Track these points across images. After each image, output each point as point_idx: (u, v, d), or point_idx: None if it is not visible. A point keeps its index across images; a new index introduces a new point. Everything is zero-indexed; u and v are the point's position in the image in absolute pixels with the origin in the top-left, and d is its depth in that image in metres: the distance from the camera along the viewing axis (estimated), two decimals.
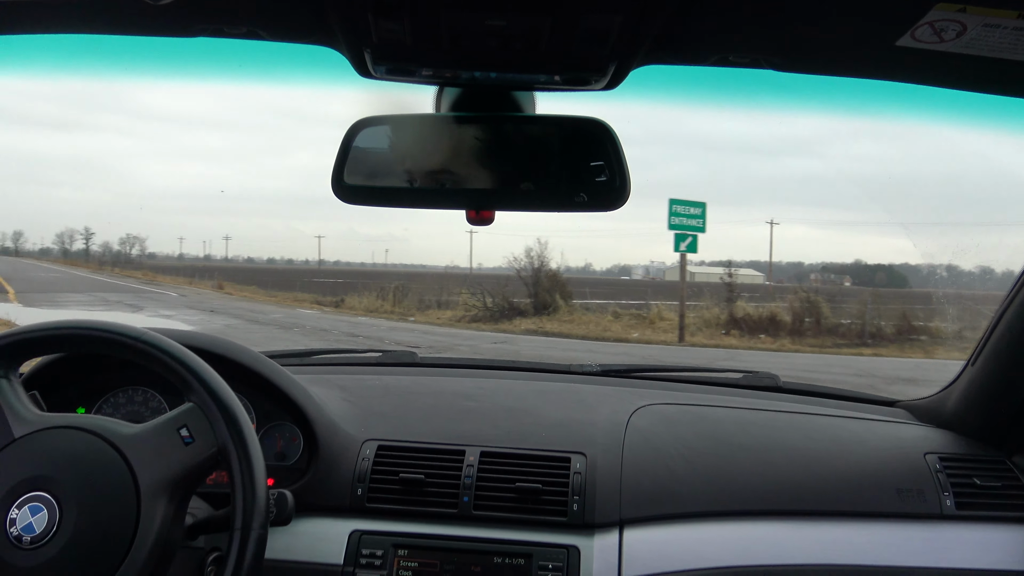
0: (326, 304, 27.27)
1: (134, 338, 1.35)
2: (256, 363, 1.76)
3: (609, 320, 21.36)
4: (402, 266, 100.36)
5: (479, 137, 1.36)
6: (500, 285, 23.45)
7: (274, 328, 17.71)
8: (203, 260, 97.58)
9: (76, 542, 1.19)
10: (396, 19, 1.06)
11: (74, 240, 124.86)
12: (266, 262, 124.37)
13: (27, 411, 1.33)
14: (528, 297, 22.56)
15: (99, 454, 1.27)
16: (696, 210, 17.80)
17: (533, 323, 20.57)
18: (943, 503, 1.72)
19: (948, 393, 2.02)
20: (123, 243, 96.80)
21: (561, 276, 24.15)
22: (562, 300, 22.61)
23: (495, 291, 22.79)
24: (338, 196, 1.35)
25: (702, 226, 17.84)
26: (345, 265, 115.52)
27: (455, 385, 2.10)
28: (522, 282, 23.18)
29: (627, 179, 1.30)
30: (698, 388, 2.19)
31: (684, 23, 1.09)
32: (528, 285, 22.95)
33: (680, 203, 17.60)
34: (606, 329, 19.89)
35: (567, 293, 23.39)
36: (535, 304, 22.13)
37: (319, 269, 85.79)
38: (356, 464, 1.71)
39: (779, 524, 1.68)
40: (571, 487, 1.66)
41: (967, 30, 1.05)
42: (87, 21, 1.20)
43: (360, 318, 21.97)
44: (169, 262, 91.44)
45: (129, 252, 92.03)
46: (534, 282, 22.90)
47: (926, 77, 1.29)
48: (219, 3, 1.12)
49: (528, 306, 22.17)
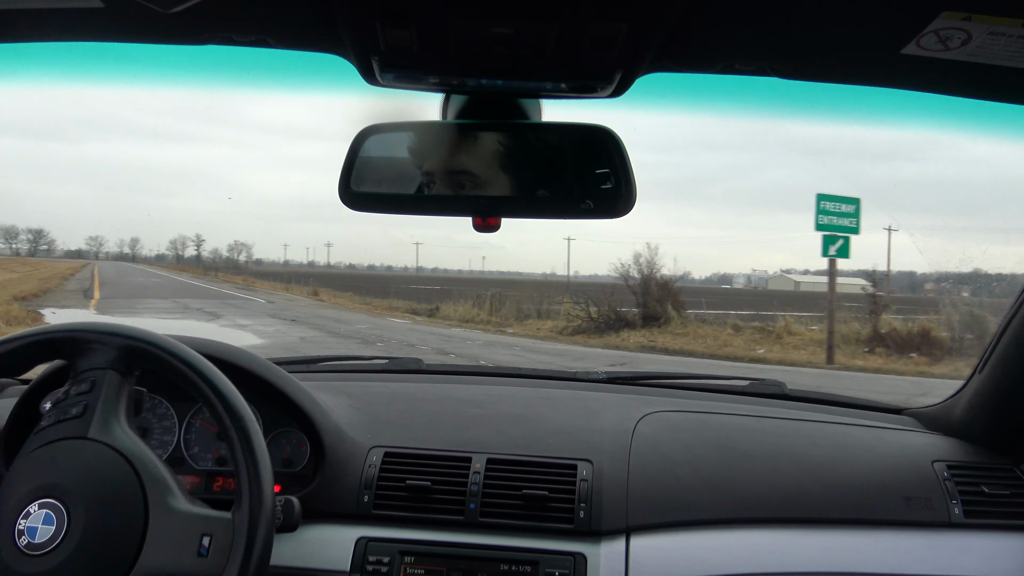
0: (420, 313, 26.05)
1: (145, 341, 1.36)
2: (263, 370, 1.77)
3: (729, 334, 18.85)
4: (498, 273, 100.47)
5: (485, 144, 1.36)
6: (605, 293, 21.40)
7: (354, 342, 16.15)
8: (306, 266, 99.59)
9: (82, 550, 1.19)
10: (403, 27, 1.07)
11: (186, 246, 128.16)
12: (366, 268, 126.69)
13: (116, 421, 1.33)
14: (636, 307, 20.52)
15: (112, 467, 1.27)
16: (849, 207, 14.85)
17: (643, 336, 18.54)
18: (951, 511, 1.71)
19: (956, 401, 2.01)
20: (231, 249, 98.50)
21: (673, 284, 21.53)
22: (674, 311, 20.28)
23: (600, 300, 20.74)
24: (345, 203, 1.35)
25: (856, 226, 14.89)
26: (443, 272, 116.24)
27: (461, 392, 2.10)
28: (629, 290, 21.09)
29: (633, 186, 1.30)
30: (704, 395, 2.19)
31: (690, 31, 1.09)
32: (636, 294, 20.79)
33: (829, 199, 14.80)
34: (726, 344, 17.60)
35: (679, 303, 20.99)
36: (644, 315, 20.03)
37: (416, 276, 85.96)
38: (363, 471, 1.71)
39: (786, 532, 1.68)
40: (577, 494, 1.66)
41: (972, 38, 1.05)
42: (100, 30, 1.21)
43: (454, 329, 20.44)
44: (275, 268, 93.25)
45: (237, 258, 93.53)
46: (643, 291, 20.72)
47: (931, 85, 1.29)
48: (229, 12, 1.13)
49: (636, 317, 20.09)
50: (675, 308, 20.35)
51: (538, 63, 1.18)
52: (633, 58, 1.15)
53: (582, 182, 1.34)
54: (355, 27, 1.10)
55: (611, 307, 20.27)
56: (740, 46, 1.18)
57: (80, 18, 1.15)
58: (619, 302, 20.69)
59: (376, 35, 1.09)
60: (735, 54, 1.20)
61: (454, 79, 1.28)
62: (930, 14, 1.01)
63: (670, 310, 20.10)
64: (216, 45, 1.24)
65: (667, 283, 21.16)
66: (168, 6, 1.01)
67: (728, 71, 1.25)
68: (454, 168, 1.37)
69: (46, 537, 1.19)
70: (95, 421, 1.30)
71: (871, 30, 1.10)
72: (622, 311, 20.22)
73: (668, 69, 1.25)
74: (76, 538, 1.19)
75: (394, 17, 1.05)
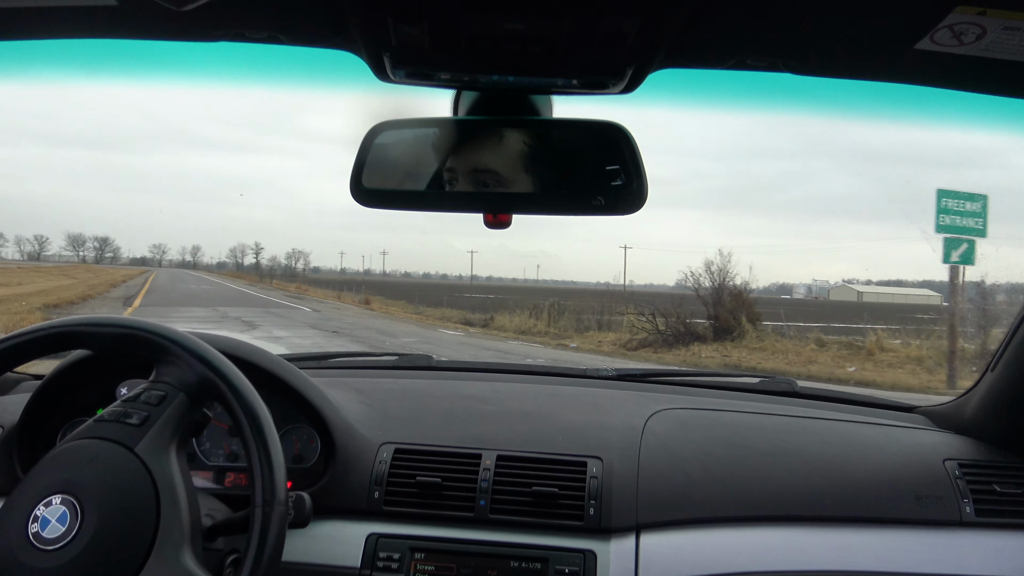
0: (474, 323, 24.43)
1: (160, 335, 1.36)
2: (274, 366, 1.78)
3: (812, 350, 17.28)
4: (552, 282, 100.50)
5: (497, 141, 1.36)
6: (671, 303, 19.42)
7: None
8: (362, 274, 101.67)
9: (95, 546, 1.19)
10: (415, 23, 1.07)
11: (245, 254, 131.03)
12: (422, 276, 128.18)
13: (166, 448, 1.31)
14: (707, 319, 18.89)
15: (140, 492, 1.25)
16: (974, 205, 12.46)
17: (716, 350, 17.04)
18: (963, 510, 1.70)
19: (967, 399, 2.00)
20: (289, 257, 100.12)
21: (747, 295, 19.54)
22: (749, 323, 18.55)
23: (667, 310, 18.95)
24: (356, 199, 1.35)
25: (982, 228, 12.47)
26: (497, 280, 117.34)
27: (471, 389, 2.10)
28: (699, 300, 19.34)
29: (644, 183, 1.30)
30: (714, 393, 2.19)
31: (701, 26, 1.09)
32: (707, 305, 19.10)
33: (952, 195, 12.44)
34: (811, 361, 16.00)
35: (755, 315, 19.16)
36: (715, 327, 18.50)
37: (470, 284, 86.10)
38: (373, 467, 1.72)
39: (796, 530, 1.67)
40: (587, 491, 1.66)
41: (987, 33, 1.05)
42: (115, 28, 1.22)
43: (511, 343, 18.77)
44: (331, 276, 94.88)
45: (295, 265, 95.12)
46: (715, 301, 18.98)
47: (945, 81, 1.28)
48: (241, 9, 1.13)
49: (707, 329, 18.56)
50: (750, 320, 18.79)
51: (550, 59, 1.18)
52: (645, 54, 1.15)
53: (593, 178, 1.34)
54: (367, 23, 1.10)
55: (679, 318, 18.70)
56: (752, 42, 1.18)
57: (95, 16, 1.16)
58: (688, 312, 19.16)
59: (388, 31, 1.10)
60: (747, 50, 1.20)
61: (466, 75, 1.28)
62: (944, 9, 1.00)
63: (745, 322, 18.57)
64: (228, 42, 1.25)
65: (741, 293, 19.47)
66: (181, 3, 1.02)
67: (740, 67, 1.25)
68: (465, 164, 1.37)
69: (56, 534, 1.18)
70: (147, 439, 1.28)
71: (884, 25, 1.09)
72: (691, 322, 18.73)
73: (680, 65, 1.24)
74: (80, 543, 1.18)
75: (406, 13, 1.05)
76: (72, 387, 1.80)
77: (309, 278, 68.29)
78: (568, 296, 29.62)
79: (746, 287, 19.74)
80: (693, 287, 19.64)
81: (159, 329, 1.38)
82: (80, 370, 1.80)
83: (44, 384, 1.78)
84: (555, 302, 24.88)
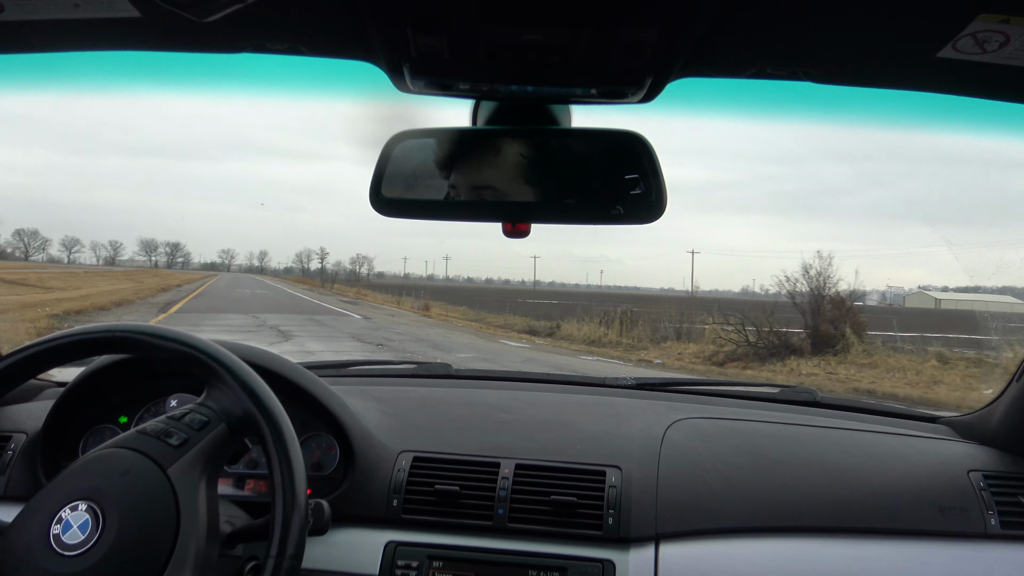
0: (538, 331, 22.86)
1: (217, 360, 1.37)
2: (294, 374, 1.78)
3: (933, 367, 14.88)
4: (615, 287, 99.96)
5: (515, 150, 1.36)
6: (763, 311, 17.51)
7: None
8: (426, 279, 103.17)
9: (109, 558, 1.19)
10: (434, 34, 1.08)
11: (311, 259, 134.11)
12: (484, 282, 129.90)
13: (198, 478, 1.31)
14: (804, 328, 17.11)
15: (161, 515, 1.25)
16: None
17: (818, 366, 15.18)
18: (987, 522, 1.68)
19: (992, 409, 1.97)
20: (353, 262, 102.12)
21: (850, 303, 17.50)
22: (854, 335, 16.54)
23: (758, 318, 17.21)
24: (376, 209, 1.36)
25: None
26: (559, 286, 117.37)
27: (490, 397, 2.10)
28: (795, 308, 17.54)
29: (663, 192, 1.29)
30: (734, 402, 2.17)
31: (721, 35, 1.09)
32: (805, 313, 17.28)
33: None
34: (935, 381, 13.83)
35: (859, 324, 17.06)
36: (814, 339, 16.68)
37: (533, 290, 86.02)
38: (392, 475, 1.72)
39: (817, 541, 1.66)
40: (606, 501, 1.65)
41: (1010, 41, 1.04)
42: (138, 40, 1.23)
43: (584, 358, 16.72)
44: (395, 280, 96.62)
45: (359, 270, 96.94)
46: (813, 309, 17.16)
47: (967, 89, 1.27)
48: (262, 20, 1.14)
49: (804, 341, 16.74)
50: (855, 331, 16.77)
51: (569, 69, 1.18)
52: (664, 63, 1.15)
53: (612, 188, 1.34)
54: (386, 34, 1.11)
55: (772, 329, 16.89)
56: (772, 50, 1.17)
57: (119, 28, 1.17)
58: (779, 321, 17.40)
59: (407, 42, 1.10)
60: (767, 59, 1.19)
61: (484, 85, 1.28)
62: (967, 17, 0.99)
63: (849, 334, 16.57)
64: (249, 53, 1.26)
65: (843, 300, 17.52)
66: (203, 15, 1.03)
67: (760, 75, 1.24)
68: (483, 174, 1.38)
69: (75, 541, 1.19)
70: (181, 462, 1.29)
71: (905, 33, 1.08)
72: (783, 332, 16.99)
73: (699, 74, 1.24)
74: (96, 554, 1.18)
75: (425, 24, 1.05)
76: (96, 394, 1.82)
77: (372, 283, 68.97)
78: (633, 302, 27.49)
79: (852, 294, 17.91)
80: (788, 293, 17.94)
81: (217, 353, 1.38)
82: (105, 377, 1.82)
83: (68, 390, 1.80)
84: (628, 309, 22.90)
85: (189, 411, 1.35)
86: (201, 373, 1.38)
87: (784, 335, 16.75)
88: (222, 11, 1.02)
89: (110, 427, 1.82)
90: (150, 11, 1.09)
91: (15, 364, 1.39)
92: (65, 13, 1.12)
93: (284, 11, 1.13)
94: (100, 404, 1.83)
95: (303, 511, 1.28)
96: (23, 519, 1.24)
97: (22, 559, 1.19)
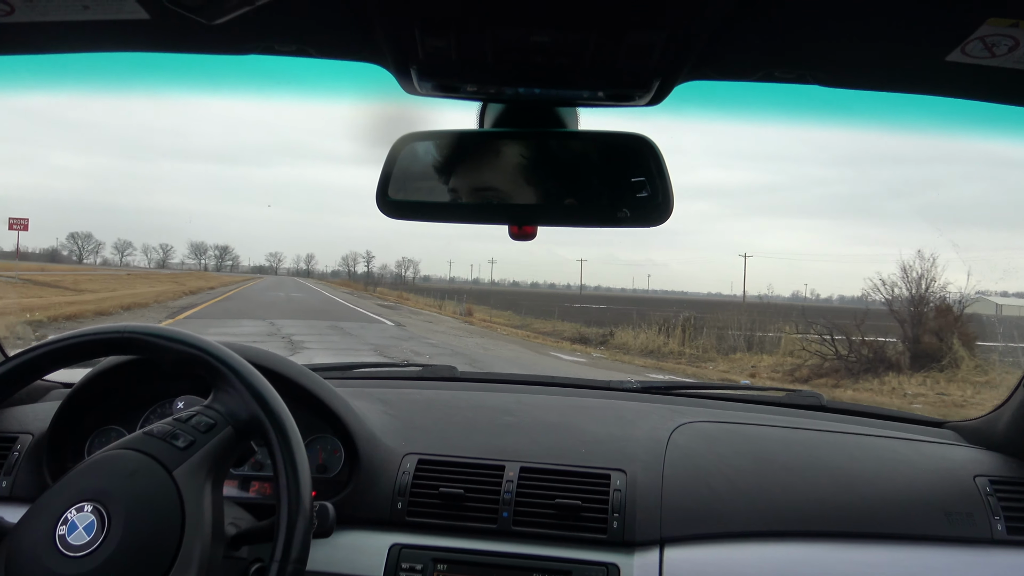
0: (590, 339, 20.74)
1: (224, 362, 1.37)
2: (299, 376, 1.79)
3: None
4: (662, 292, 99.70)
5: (522, 153, 1.36)
6: (854, 320, 15.30)
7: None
8: (471, 283, 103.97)
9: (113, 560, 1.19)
10: (442, 36, 1.08)
11: (357, 262, 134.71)
12: (529, 286, 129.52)
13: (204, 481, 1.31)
14: (902, 339, 14.87)
15: (166, 516, 1.25)
16: None
17: (923, 384, 13.19)
18: (994, 527, 1.67)
19: (999, 414, 1.96)
20: (399, 266, 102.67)
21: (956, 311, 14.90)
22: (964, 349, 14.13)
23: (846, 327, 15.05)
24: (382, 211, 1.36)
25: None
26: (605, 290, 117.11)
27: (495, 400, 2.10)
28: (893, 317, 15.19)
29: (670, 195, 1.29)
30: (739, 406, 2.17)
31: (728, 39, 1.09)
32: (903, 323, 14.89)
33: None
34: None
35: (969, 336, 14.54)
36: (914, 352, 14.36)
37: (580, 294, 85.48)
38: (396, 477, 1.72)
39: (822, 546, 1.65)
40: (611, 504, 1.65)
41: (1020, 45, 1.04)
42: (147, 41, 1.24)
43: (651, 374, 14.26)
44: (441, 284, 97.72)
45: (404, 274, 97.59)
46: (914, 319, 14.79)
47: (976, 92, 1.27)
48: (270, 22, 1.15)
49: (902, 356, 14.47)
50: (964, 344, 14.29)
51: (576, 71, 1.18)
52: (671, 66, 1.15)
53: (619, 190, 1.34)
54: (394, 36, 1.11)
55: (864, 340, 14.62)
56: (780, 54, 1.17)
57: (128, 30, 1.18)
58: (870, 331, 15.22)
59: (415, 44, 1.10)
60: (775, 62, 1.19)
61: (492, 87, 1.28)
62: (976, 21, 0.99)
63: (957, 346, 14.14)
64: (258, 55, 1.26)
65: (950, 308, 14.95)
66: (212, 17, 1.03)
67: (768, 79, 1.24)
68: (490, 176, 1.38)
69: (80, 542, 1.19)
70: (187, 464, 1.29)
71: (914, 37, 1.08)
72: (880, 342, 14.85)
73: (707, 77, 1.24)
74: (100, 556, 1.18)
75: (433, 26, 1.05)
76: (102, 395, 1.83)
77: (417, 286, 69.10)
78: (682, 306, 25.09)
79: (960, 301, 15.08)
80: (884, 299, 15.59)
81: (224, 355, 1.38)
82: (111, 379, 1.82)
83: (75, 392, 1.80)
84: (690, 316, 20.49)
85: (196, 413, 1.35)
86: (208, 375, 1.38)
87: (879, 346, 14.57)
88: (231, 13, 1.02)
89: (116, 429, 1.82)
90: (159, 13, 1.09)
91: (22, 365, 1.39)
92: (74, 15, 1.13)
93: (292, 13, 1.13)
94: (106, 406, 1.83)
95: (308, 513, 1.28)
96: (29, 520, 1.24)
97: (28, 560, 1.19)
